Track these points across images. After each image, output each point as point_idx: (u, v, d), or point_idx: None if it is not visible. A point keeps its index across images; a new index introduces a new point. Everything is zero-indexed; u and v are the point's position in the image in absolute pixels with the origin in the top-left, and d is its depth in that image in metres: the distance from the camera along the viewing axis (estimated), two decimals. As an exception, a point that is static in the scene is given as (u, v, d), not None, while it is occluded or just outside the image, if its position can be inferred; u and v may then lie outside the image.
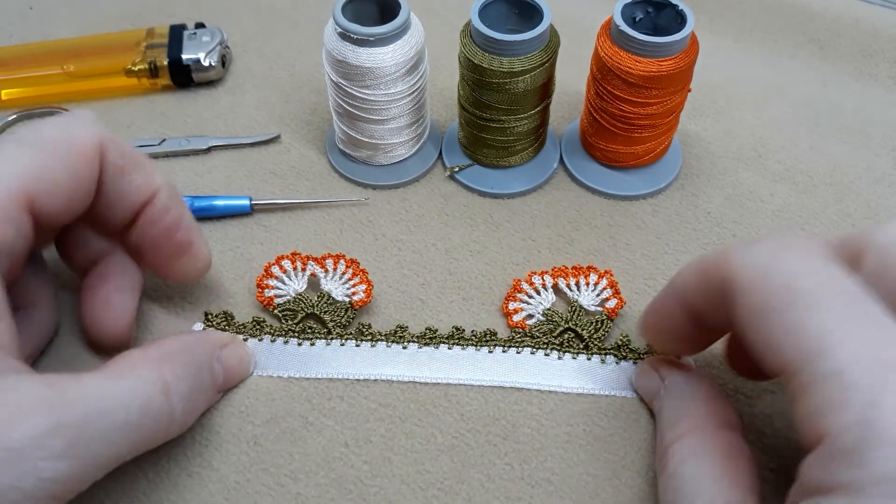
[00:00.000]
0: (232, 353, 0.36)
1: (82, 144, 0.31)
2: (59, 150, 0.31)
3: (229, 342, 0.36)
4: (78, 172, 0.31)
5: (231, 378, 0.36)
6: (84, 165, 0.31)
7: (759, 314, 0.25)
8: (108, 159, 0.32)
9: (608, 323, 0.38)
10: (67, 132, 0.31)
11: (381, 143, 0.43)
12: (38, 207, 0.30)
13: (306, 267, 0.40)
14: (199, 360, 0.33)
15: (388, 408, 0.36)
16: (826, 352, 0.23)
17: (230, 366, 0.35)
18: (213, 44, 0.50)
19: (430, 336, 0.38)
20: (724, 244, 0.42)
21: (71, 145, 0.31)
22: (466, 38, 0.39)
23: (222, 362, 0.35)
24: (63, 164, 0.31)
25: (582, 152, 0.45)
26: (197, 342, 0.34)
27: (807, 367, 0.23)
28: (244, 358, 0.36)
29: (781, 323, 0.24)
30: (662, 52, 0.38)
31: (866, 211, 0.43)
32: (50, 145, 0.31)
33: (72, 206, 0.31)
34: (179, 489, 0.33)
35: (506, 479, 0.33)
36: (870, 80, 0.51)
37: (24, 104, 0.50)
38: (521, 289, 0.39)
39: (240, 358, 0.36)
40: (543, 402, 0.36)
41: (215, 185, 0.45)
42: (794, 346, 0.24)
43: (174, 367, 0.31)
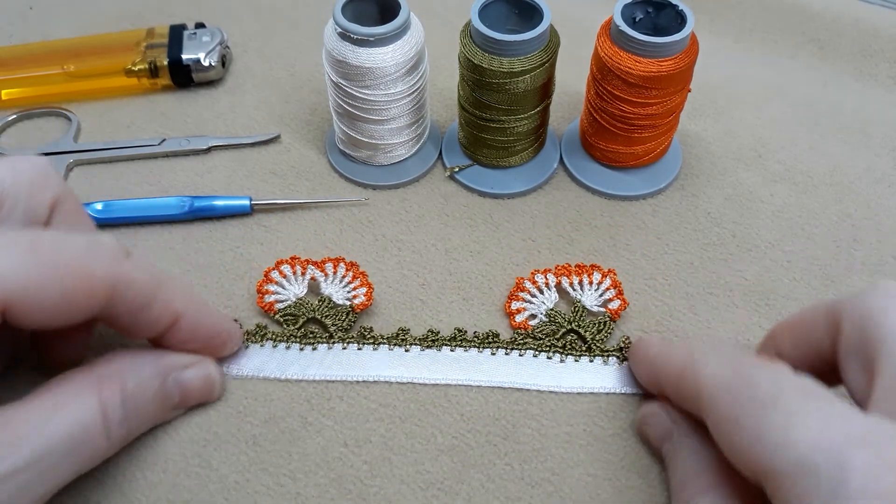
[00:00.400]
0: (196, 373, 0.34)
1: (89, 278, 0.28)
2: (60, 273, 0.28)
3: (194, 363, 0.34)
4: (72, 302, 0.28)
5: (190, 398, 0.34)
6: (83, 299, 0.28)
7: (726, 425, 0.26)
8: (122, 298, 0.30)
9: (611, 324, 0.38)
10: (81, 261, 0.28)
11: (381, 144, 0.43)
12: (13, 315, 0.27)
13: (306, 271, 0.40)
14: (144, 380, 0.32)
15: (387, 408, 0.36)
16: (788, 445, 0.24)
17: (191, 386, 0.34)
18: (213, 44, 0.50)
19: (433, 338, 0.38)
20: (723, 244, 0.42)
21: (76, 275, 0.28)
22: (466, 38, 0.39)
23: (182, 382, 0.33)
24: (58, 289, 0.27)
25: (582, 152, 0.45)
26: (147, 360, 0.32)
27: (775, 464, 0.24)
28: (210, 378, 0.34)
29: (749, 427, 0.25)
30: (662, 52, 0.38)
31: (866, 211, 0.43)
32: (54, 263, 0.28)
33: (55, 323, 0.28)
34: (179, 489, 0.33)
35: (506, 480, 0.33)
36: (870, 80, 0.51)
37: (24, 104, 0.50)
38: (524, 287, 0.39)
39: (204, 378, 0.34)
40: (543, 403, 0.36)
41: (215, 185, 0.45)
42: (760, 446, 0.25)
43: (113, 389, 0.30)
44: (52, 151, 0.46)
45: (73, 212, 0.33)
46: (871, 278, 0.40)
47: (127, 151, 0.47)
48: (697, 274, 0.40)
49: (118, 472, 0.33)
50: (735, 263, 0.41)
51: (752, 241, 0.42)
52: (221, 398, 0.36)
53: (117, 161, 0.47)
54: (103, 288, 0.29)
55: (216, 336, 0.35)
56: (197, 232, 0.43)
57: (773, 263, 0.41)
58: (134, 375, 0.31)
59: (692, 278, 0.40)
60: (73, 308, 0.28)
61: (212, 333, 0.34)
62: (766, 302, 0.39)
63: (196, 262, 0.41)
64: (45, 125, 0.49)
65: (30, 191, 0.31)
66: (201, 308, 0.34)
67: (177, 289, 0.32)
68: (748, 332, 0.38)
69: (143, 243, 0.42)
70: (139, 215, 0.43)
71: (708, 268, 0.41)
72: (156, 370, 0.32)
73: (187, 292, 0.33)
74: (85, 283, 0.28)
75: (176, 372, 0.33)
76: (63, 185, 0.33)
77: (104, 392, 0.30)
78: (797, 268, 0.41)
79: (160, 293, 0.31)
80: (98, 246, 0.29)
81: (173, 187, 0.45)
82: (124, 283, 0.29)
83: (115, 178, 0.46)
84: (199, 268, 0.41)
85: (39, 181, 0.32)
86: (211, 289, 0.40)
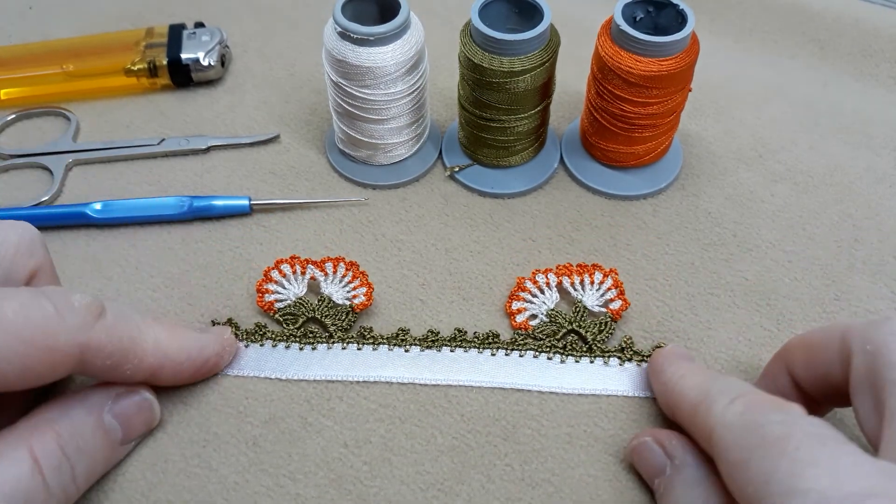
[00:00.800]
0: (127, 402, 0.32)
1: (52, 350, 0.27)
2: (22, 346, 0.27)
3: (123, 392, 0.32)
4: (33, 372, 0.27)
5: (132, 428, 0.33)
6: (45, 369, 0.27)
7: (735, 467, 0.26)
8: (90, 364, 0.29)
9: (612, 325, 0.38)
10: (46, 331, 0.27)
11: (381, 143, 0.43)
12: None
13: (306, 270, 0.40)
14: (77, 421, 0.30)
15: (387, 408, 0.36)
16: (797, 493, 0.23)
17: (128, 416, 0.32)
18: (213, 43, 0.50)
19: (433, 339, 0.38)
20: (724, 244, 0.42)
21: (39, 348, 0.27)
22: (466, 38, 0.39)
23: (117, 414, 0.32)
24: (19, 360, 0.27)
25: (582, 152, 0.45)
26: (74, 401, 0.31)
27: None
28: (144, 404, 0.33)
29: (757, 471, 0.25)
30: (663, 51, 0.37)
31: (866, 211, 0.43)
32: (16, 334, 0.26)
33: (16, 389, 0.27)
34: (179, 489, 0.33)
35: (506, 480, 0.33)
36: (870, 80, 0.51)
37: (23, 104, 0.50)
38: (525, 287, 0.39)
39: (137, 404, 0.33)
40: (544, 403, 0.36)
41: (214, 185, 0.45)
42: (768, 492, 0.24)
43: (44, 437, 0.29)
44: (51, 151, 0.46)
45: (50, 281, 0.33)
46: (871, 278, 0.40)
47: (126, 151, 0.46)
48: (698, 274, 0.40)
49: (118, 472, 0.33)
50: (736, 263, 0.41)
51: (752, 241, 0.42)
52: (212, 390, 0.35)
53: (116, 161, 0.47)
54: (68, 359, 0.28)
55: (203, 365, 0.35)
56: (196, 232, 0.43)
57: (774, 263, 0.41)
58: (65, 420, 0.30)
59: (693, 278, 0.40)
60: (33, 378, 0.27)
61: (197, 365, 0.34)
62: (767, 302, 0.39)
63: (195, 262, 0.41)
64: (45, 125, 0.49)
65: (14, 256, 0.31)
66: (182, 349, 0.33)
67: (150, 345, 0.31)
68: (748, 332, 0.38)
69: (142, 243, 0.42)
70: (138, 215, 0.43)
71: (709, 268, 0.41)
72: (86, 408, 0.31)
73: (164, 343, 0.32)
74: (48, 356, 0.27)
75: (107, 404, 0.32)
76: (46, 255, 0.33)
77: (34, 442, 0.28)
78: (798, 268, 0.41)
79: (131, 355, 0.31)
80: (67, 313, 0.28)
81: (172, 187, 0.45)
82: (92, 351, 0.29)
83: (115, 177, 0.46)
84: (199, 268, 0.41)
85: (24, 248, 0.31)
86: (210, 289, 0.40)
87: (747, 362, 0.37)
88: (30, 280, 0.32)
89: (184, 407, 0.35)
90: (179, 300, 0.39)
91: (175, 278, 0.40)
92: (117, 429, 0.32)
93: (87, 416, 0.31)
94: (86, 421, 0.31)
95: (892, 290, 0.40)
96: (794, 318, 0.38)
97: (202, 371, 0.35)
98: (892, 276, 0.40)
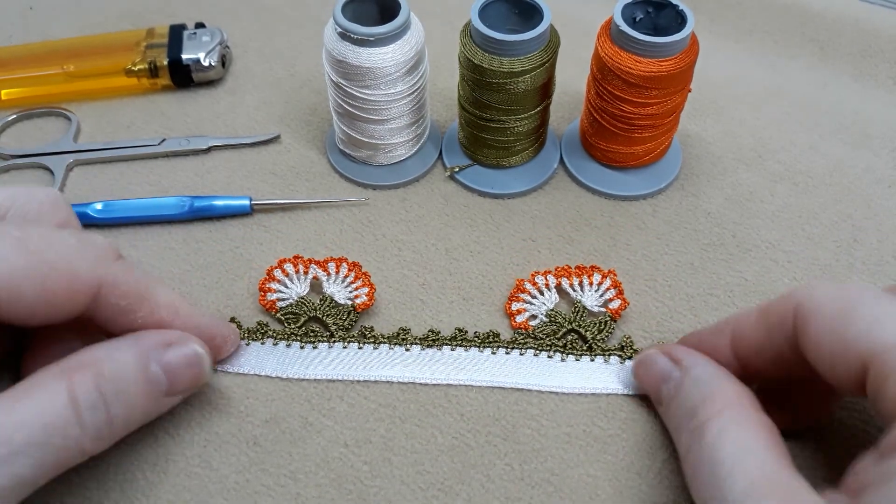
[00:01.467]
0: (177, 352, 0.31)
1: (73, 277, 0.28)
2: (45, 269, 0.27)
3: (175, 340, 0.32)
4: (54, 299, 0.28)
5: (178, 380, 0.32)
6: (65, 296, 0.28)
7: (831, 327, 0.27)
8: (106, 300, 0.29)
9: (611, 324, 0.38)
10: (68, 259, 0.28)
11: (381, 143, 0.43)
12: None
13: (308, 270, 0.40)
14: (121, 363, 0.30)
15: (388, 408, 0.36)
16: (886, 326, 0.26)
17: (175, 367, 0.31)
18: (213, 44, 0.50)
19: (433, 338, 0.38)
20: (723, 244, 0.42)
21: (60, 273, 0.28)
22: (466, 38, 0.39)
23: (164, 365, 0.31)
24: (39, 284, 0.27)
25: (582, 152, 0.45)
26: (122, 343, 0.30)
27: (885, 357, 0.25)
28: (194, 358, 0.32)
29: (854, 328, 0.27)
30: (662, 52, 0.38)
31: (866, 211, 0.43)
32: (39, 258, 0.27)
33: (35, 320, 0.28)
34: (179, 489, 0.33)
35: (506, 480, 0.33)
36: (870, 81, 0.51)
37: (24, 104, 0.50)
38: (524, 289, 0.39)
39: (187, 358, 0.32)
40: (543, 403, 0.36)
41: (215, 186, 0.45)
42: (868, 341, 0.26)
43: (84, 376, 0.28)
44: (51, 151, 0.46)
45: None
46: (871, 278, 0.40)
47: (127, 151, 0.46)
48: (698, 274, 0.40)
49: (119, 472, 0.33)
50: (735, 263, 0.41)
51: (752, 241, 0.42)
52: (212, 390, 0.36)
53: (117, 161, 0.47)
54: (87, 288, 0.29)
55: (209, 341, 0.34)
56: (197, 232, 0.43)
57: (774, 264, 0.41)
58: (109, 361, 0.29)
59: (692, 278, 0.40)
60: (54, 305, 0.28)
61: (205, 338, 0.34)
62: (767, 302, 0.39)
63: (196, 262, 0.41)
64: (45, 125, 0.49)
65: (41, 208, 0.32)
66: (192, 316, 0.33)
67: (164, 298, 0.32)
68: (748, 333, 0.38)
69: (142, 243, 0.42)
70: (139, 215, 0.43)
71: (708, 268, 0.41)
72: (133, 351, 0.30)
73: (176, 301, 0.33)
74: (68, 282, 0.28)
75: (156, 352, 0.31)
76: (71, 214, 0.33)
77: (74, 379, 0.28)
78: (797, 268, 0.41)
79: (145, 301, 0.31)
80: (87, 245, 0.29)
81: (173, 187, 0.45)
82: (109, 286, 0.29)
83: (115, 178, 0.46)
84: (199, 268, 0.41)
85: (50, 204, 0.32)
86: (210, 289, 0.40)
87: (747, 362, 0.37)
88: None
89: (184, 406, 0.35)
90: (180, 300, 0.40)
91: (176, 278, 0.40)
92: (163, 380, 0.31)
93: (132, 361, 0.30)
94: (130, 366, 0.30)
95: (891, 290, 0.40)
96: (794, 318, 0.39)
97: (209, 346, 0.34)
98: (892, 276, 0.40)
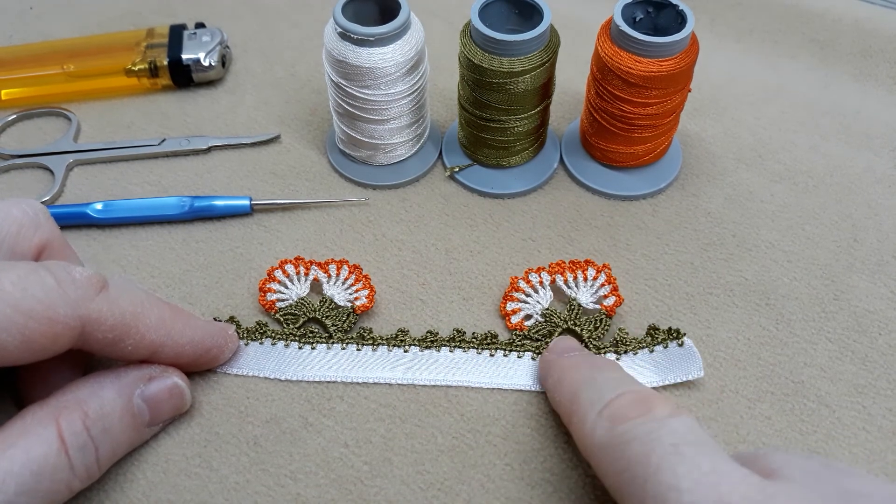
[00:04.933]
0: (159, 385, 0.33)
1: (52, 322, 0.27)
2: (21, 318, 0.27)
3: (156, 376, 0.33)
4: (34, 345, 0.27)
5: (160, 412, 0.33)
6: (46, 342, 0.27)
7: (616, 494, 0.27)
8: (91, 337, 0.29)
9: (607, 321, 0.38)
10: (46, 303, 0.27)
11: (381, 143, 0.43)
12: None
13: (309, 271, 0.40)
14: (107, 402, 0.31)
15: (388, 408, 0.36)
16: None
17: (157, 400, 0.32)
18: (213, 44, 0.50)
19: (432, 339, 0.38)
20: (723, 244, 0.42)
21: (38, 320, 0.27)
22: (466, 38, 0.39)
23: (146, 398, 0.32)
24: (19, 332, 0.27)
25: (582, 152, 0.45)
26: (106, 381, 0.31)
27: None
28: (176, 388, 0.33)
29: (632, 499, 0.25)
30: (663, 52, 0.38)
31: (866, 211, 0.43)
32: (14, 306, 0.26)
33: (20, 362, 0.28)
34: (179, 490, 0.33)
35: (506, 480, 0.33)
36: (870, 81, 0.51)
37: (24, 104, 0.50)
38: (519, 287, 0.39)
39: (169, 390, 0.33)
40: (543, 403, 0.36)
41: (215, 185, 0.45)
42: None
43: (72, 416, 0.29)
44: (51, 151, 0.47)
45: (61, 255, 0.33)
46: (871, 278, 0.40)
47: (127, 151, 0.47)
48: (697, 274, 0.40)
49: (119, 471, 0.33)
50: (735, 263, 0.41)
51: (752, 241, 0.42)
52: (213, 390, 0.36)
53: (117, 161, 0.47)
54: (68, 331, 0.28)
55: (204, 354, 0.34)
56: (197, 232, 0.43)
57: (774, 263, 0.41)
58: (95, 399, 0.30)
59: (692, 278, 0.40)
60: (35, 351, 0.28)
61: (199, 352, 0.34)
62: (766, 302, 0.39)
63: (196, 262, 0.41)
64: (45, 125, 0.49)
65: (18, 231, 0.31)
66: (184, 334, 0.33)
67: (153, 320, 0.31)
68: (748, 332, 0.38)
69: (143, 243, 0.42)
70: (139, 215, 0.43)
71: (708, 268, 0.41)
72: (117, 390, 0.31)
73: (168, 321, 0.32)
74: (48, 328, 0.27)
75: (139, 387, 0.32)
76: (53, 229, 0.33)
77: (62, 421, 0.29)
78: (797, 267, 0.41)
79: (133, 329, 0.30)
80: (67, 285, 0.28)
81: (173, 187, 0.45)
82: (93, 323, 0.29)
83: (115, 177, 0.46)
84: (199, 268, 0.41)
85: (28, 223, 0.31)
86: (210, 289, 0.40)
87: (746, 361, 0.37)
88: (38, 255, 0.32)
89: (184, 407, 0.35)
90: (180, 300, 0.40)
91: (176, 278, 0.40)
92: (145, 412, 0.32)
93: (116, 398, 0.31)
94: (115, 403, 0.31)
95: (891, 289, 0.40)
96: (794, 317, 0.39)
97: (204, 358, 0.35)
98: (892, 275, 0.40)
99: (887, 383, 0.36)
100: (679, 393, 0.36)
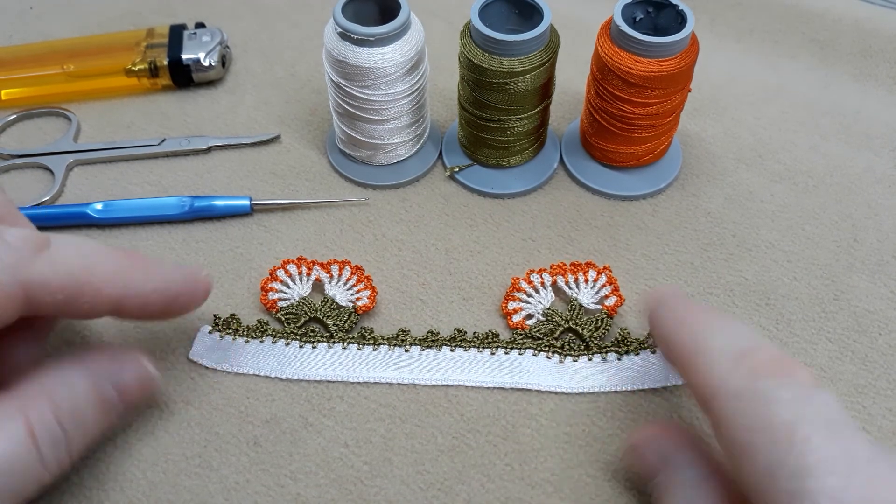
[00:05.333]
0: (128, 372, 0.31)
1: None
2: None
3: (125, 362, 0.31)
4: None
5: (130, 397, 0.31)
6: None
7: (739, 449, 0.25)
8: (39, 300, 0.28)
9: (608, 321, 0.38)
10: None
11: (381, 143, 0.43)
12: None
13: (311, 271, 0.40)
14: (77, 393, 0.29)
15: (388, 408, 0.36)
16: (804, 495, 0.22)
17: (127, 386, 0.31)
18: (213, 44, 0.50)
19: (432, 339, 0.38)
20: (723, 244, 0.42)
21: None
22: (466, 38, 0.39)
23: (115, 385, 0.31)
24: None
25: (582, 152, 0.45)
26: (74, 370, 0.30)
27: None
28: (145, 375, 0.32)
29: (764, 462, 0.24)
30: (663, 52, 0.38)
31: (866, 211, 0.43)
32: None
33: None
34: (179, 490, 0.33)
35: (506, 480, 0.33)
36: (870, 81, 0.51)
37: (24, 104, 0.50)
38: (520, 287, 0.39)
39: (138, 377, 0.31)
40: (543, 403, 0.36)
41: (215, 185, 0.45)
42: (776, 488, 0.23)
43: (42, 409, 0.28)
44: (51, 151, 0.47)
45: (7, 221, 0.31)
46: (870, 278, 0.40)
47: (127, 151, 0.47)
48: (697, 274, 0.40)
49: (119, 471, 0.33)
50: (735, 263, 0.41)
51: (752, 241, 0.42)
52: (213, 390, 0.36)
53: (117, 161, 0.47)
54: (8, 300, 0.27)
55: (173, 301, 0.32)
56: (197, 232, 0.43)
57: (774, 263, 0.41)
58: (62, 389, 0.29)
59: (692, 278, 0.40)
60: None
61: (167, 299, 0.32)
62: (767, 302, 0.39)
63: (196, 262, 0.41)
64: (45, 125, 0.49)
65: None
66: (148, 280, 0.31)
67: (109, 271, 0.29)
68: (748, 333, 0.38)
69: (143, 243, 0.42)
70: (139, 215, 0.43)
71: (708, 268, 0.41)
72: (84, 376, 0.30)
73: (126, 271, 0.30)
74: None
75: (107, 371, 0.30)
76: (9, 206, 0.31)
77: (31, 414, 0.27)
78: (797, 268, 0.41)
79: (86, 286, 0.29)
80: (0, 249, 0.27)
81: (173, 187, 0.45)
82: (37, 286, 0.27)
83: (115, 177, 0.46)
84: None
85: None
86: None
87: (747, 362, 0.37)
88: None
89: (185, 406, 0.35)
90: (180, 300, 0.40)
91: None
92: (115, 399, 0.31)
93: (85, 385, 0.30)
94: (84, 390, 0.29)
95: (891, 289, 0.40)
96: (794, 317, 0.39)
97: (175, 306, 0.32)
98: (892, 275, 0.40)
99: (887, 383, 0.36)
100: (680, 393, 0.36)
